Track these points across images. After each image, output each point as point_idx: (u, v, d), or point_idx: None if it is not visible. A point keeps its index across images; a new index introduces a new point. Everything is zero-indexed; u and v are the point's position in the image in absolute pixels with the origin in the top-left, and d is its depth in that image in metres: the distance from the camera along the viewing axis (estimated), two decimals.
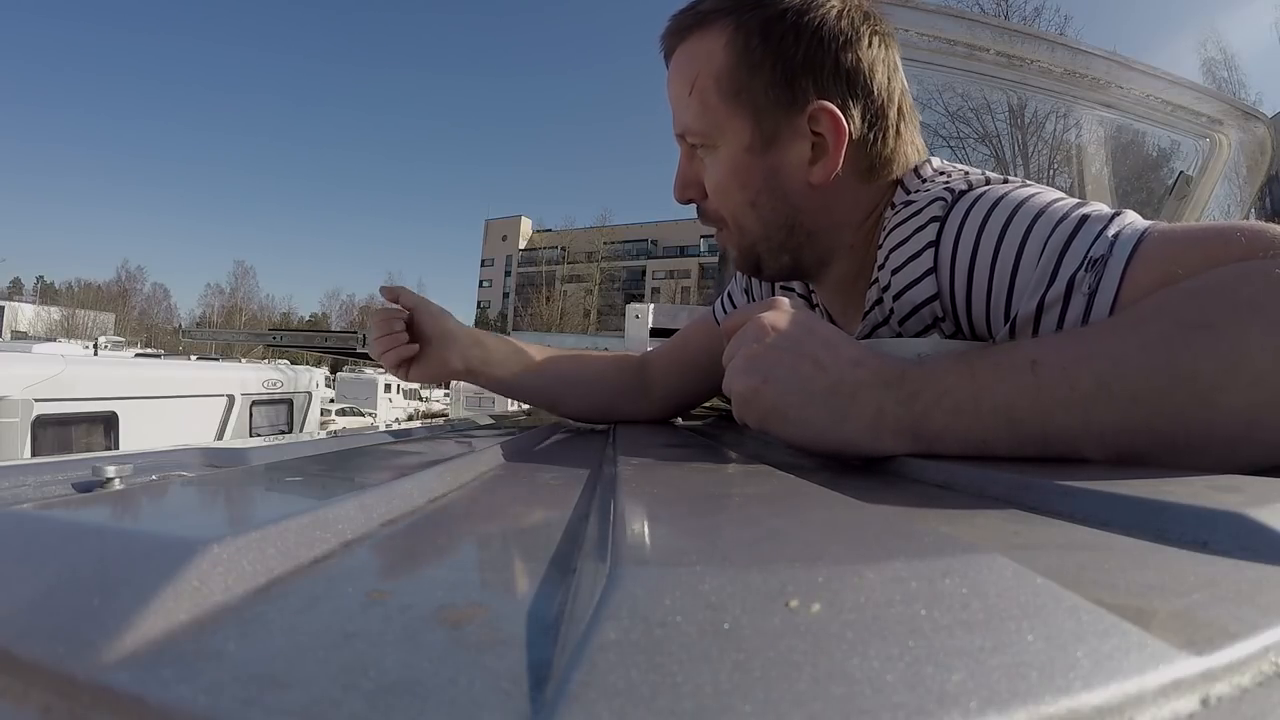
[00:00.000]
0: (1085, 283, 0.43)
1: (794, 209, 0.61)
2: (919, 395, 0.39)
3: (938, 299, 0.54)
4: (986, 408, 0.37)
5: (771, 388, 0.42)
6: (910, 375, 0.40)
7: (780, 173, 0.60)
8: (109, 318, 35.05)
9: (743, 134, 0.60)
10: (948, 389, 0.39)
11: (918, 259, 0.55)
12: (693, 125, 0.62)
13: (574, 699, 0.10)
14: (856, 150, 0.59)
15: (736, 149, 0.60)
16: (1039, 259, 0.46)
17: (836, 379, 0.41)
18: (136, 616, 0.14)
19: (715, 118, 0.60)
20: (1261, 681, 0.12)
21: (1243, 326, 0.33)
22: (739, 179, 0.61)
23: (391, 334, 0.76)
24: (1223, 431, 0.34)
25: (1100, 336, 0.38)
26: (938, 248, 0.53)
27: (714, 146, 0.62)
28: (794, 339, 0.42)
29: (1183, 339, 0.34)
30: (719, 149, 0.61)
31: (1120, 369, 0.35)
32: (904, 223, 0.57)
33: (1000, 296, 0.49)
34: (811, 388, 0.41)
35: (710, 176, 0.63)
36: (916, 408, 0.39)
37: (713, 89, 0.60)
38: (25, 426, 3.21)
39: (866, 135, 0.59)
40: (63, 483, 0.33)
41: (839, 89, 0.58)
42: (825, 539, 0.21)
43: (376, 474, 0.36)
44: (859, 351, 0.42)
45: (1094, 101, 1.42)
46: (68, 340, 7.60)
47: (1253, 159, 1.54)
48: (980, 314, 0.52)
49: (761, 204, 0.61)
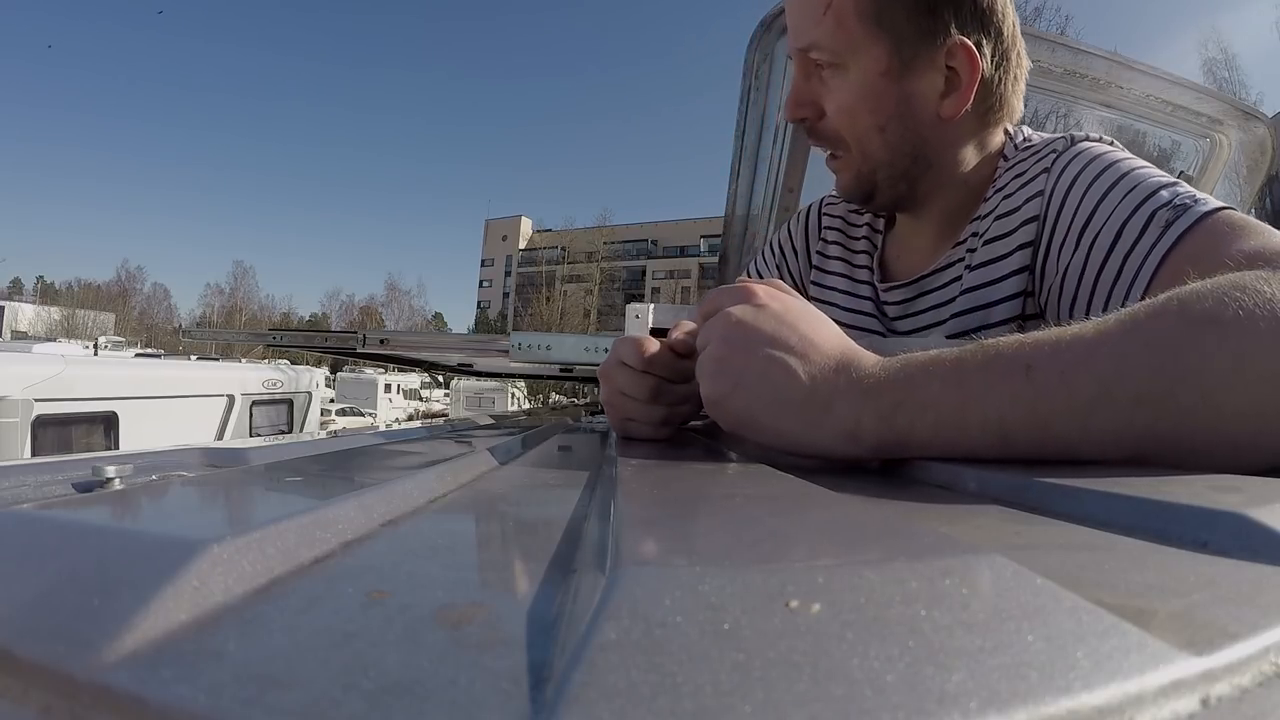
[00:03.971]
0: (1164, 218, 0.48)
1: (921, 139, 0.62)
2: (901, 407, 0.36)
3: (1036, 220, 0.59)
4: (975, 420, 0.34)
5: (742, 394, 0.39)
6: (892, 384, 0.36)
7: (912, 101, 0.61)
8: (109, 318, 35.04)
9: (879, 58, 0.59)
10: (932, 400, 0.35)
11: (1030, 183, 0.60)
12: (824, 42, 0.60)
13: (574, 699, 0.10)
14: (983, 89, 0.61)
15: (871, 72, 0.60)
16: (1129, 192, 0.51)
17: (811, 389, 0.37)
18: (136, 616, 0.14)
19: (851, 38, 0.59)
20: (1261, 681, 0.12)
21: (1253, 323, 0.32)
22: (870, 103, 0.61)
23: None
24: (1227, 435, 0.32)
25: (1101, 336, 0.35)
26: (1050, 174, 0.59)
27: (844, 67, 0.60)
28: (767, 338, 0.39)
29: (1190, 336, 0.33)
30: (850, 70, 0.60)
31: (1122, 370, 0.33)
32: (1024, 159, 0.62)
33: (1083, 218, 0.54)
34: (785, 396, 0.38)
35: (835, 97, 0.62)
36: (898, 422, 0.36)
37: (851, 9, 0.59)
38: (25, 426, 3.21)
39: (993, 76, 0.61)
40: (63, 483, 0.33)
41: (976, 25, 0.59)
42: (825, 539, 0.21)
43: (376, 474, 0.36)
44: (840, 350, 0.39)
45: (1094, 101, 1.42)
46: (68, 340, 7.60)
47: (1253, 159, 1.54)
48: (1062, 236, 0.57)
49: (890, 130, 0.61)
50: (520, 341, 1.09)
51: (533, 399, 16.04)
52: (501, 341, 1.20)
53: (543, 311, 42.93)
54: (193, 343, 8.08)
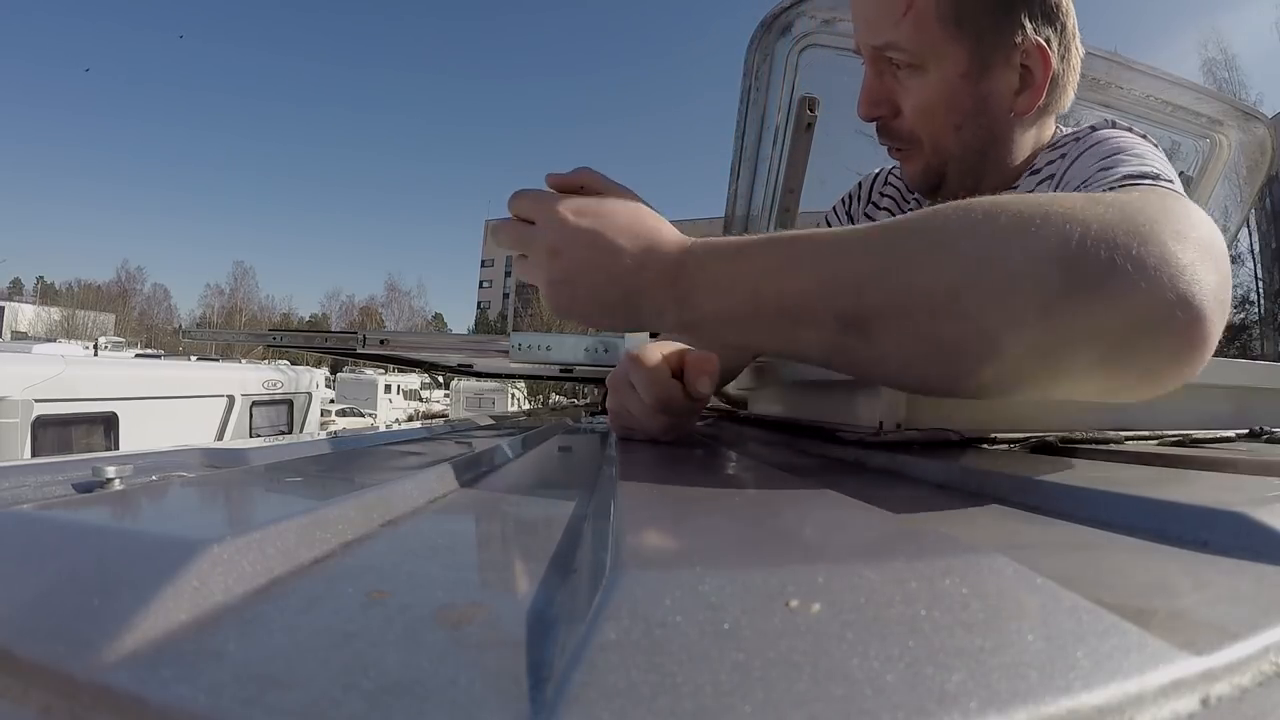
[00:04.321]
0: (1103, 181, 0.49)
1: (994, 137, 0.64)
2: (694, 289, 0.41)
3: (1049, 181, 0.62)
4: (746, 291, 0.39)
5: (569, 290, 0.44)
6: (688, 270, 0.41)
7: (989, 100, 0.62)
8: (109, 318, 35.04)
9: (960, 60, 0.60)
10: (715, 277, 0.40)
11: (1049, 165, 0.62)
12: (904, 44, 0.60)
13: (574, 699, 0.10)
14: (1051, 85, 0.62)
15: (951, 74, 0.60)
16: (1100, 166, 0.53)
17: (626, 287, 0.42)
18: (136, 616, 0.14)
19: (931, 40, 0.60)
20: (1261, 681, 0.12)
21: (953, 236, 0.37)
22: (949, 103, 0.62)
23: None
24: (923, 306, 0.36)
25: (860, 232, 0.40)
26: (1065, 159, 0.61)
27: (923, 68, 0.61)
28: (590, 237, 0.42)
29: (909, 244, 0.38)
30: (929, 71, 0.61)
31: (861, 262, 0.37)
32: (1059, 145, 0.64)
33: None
34: (605, 298, 0.43)
35: (913, 96, 0.63)
36: (693, 302, 0.41)
37: (933, 11, 0.59)
38: (25, 427, 3.21)
39: (1060, 70, 0.62)
40: (63, 483, 0.33)
41: (1046, 23, 0.60)
42: (825, 539, 0.21)
43: (376, 474, 0.36)
44: (650, 237, 0.42)
45: (1094, 101, 1.41)
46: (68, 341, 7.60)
47: (1253, 159, 1.54)
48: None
49: (966, 128, 0.63)
50: (520, 342, 1.09)
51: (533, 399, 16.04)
52: (501, 342, 1.19)
53: (543, 312, 42.85)
54: (193, 343, 8.08)
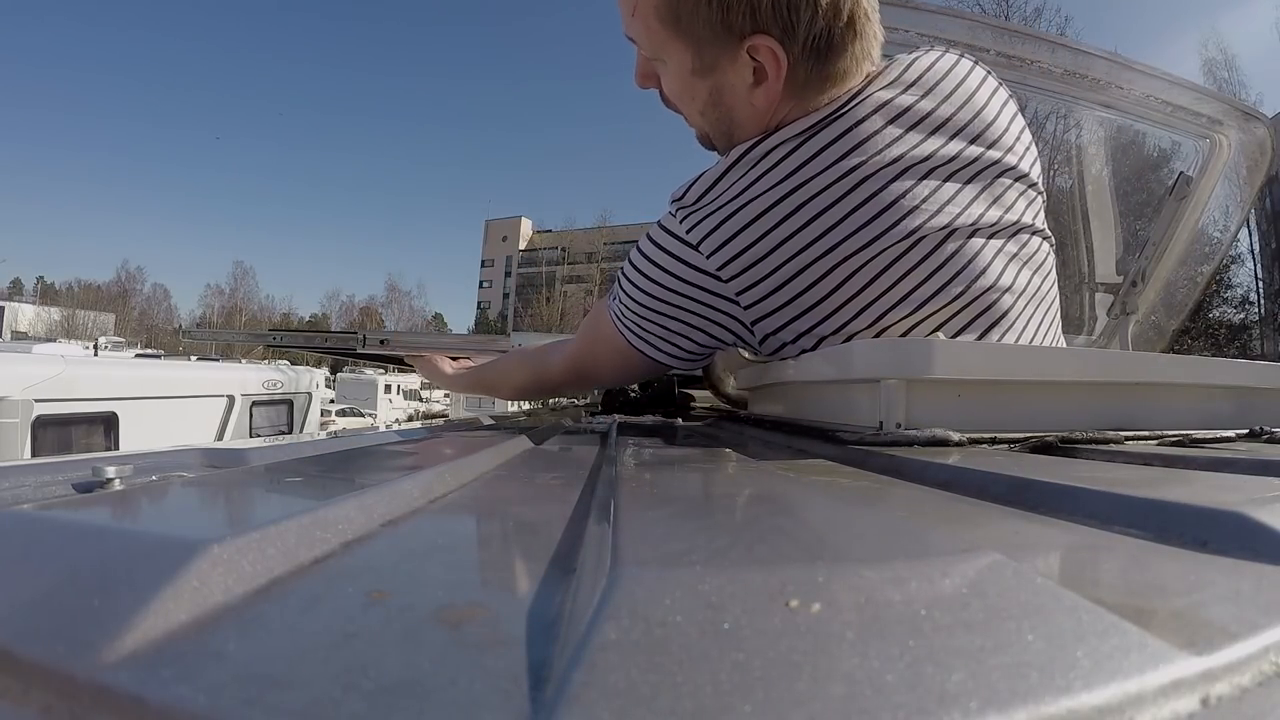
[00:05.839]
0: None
1: (737, 122, 0.66)
2: (456, 379, 1.17)
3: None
4: (469, 378, 1.13)
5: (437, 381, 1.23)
6: (450, 375, 1.18)
7: (723, 93, 0.64)
8: (109, 318, 35.03)
9: (685, 59, 0.63)
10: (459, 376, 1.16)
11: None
12: (639, 40, 0.66)
13: (574, 699, 0.10)
14: (800, 70, 0.61)
15: (681, 70, 0.64)
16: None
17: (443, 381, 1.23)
18: (136, 616, 0.14)
19: (658, 40, 0.64)
20: (1261, 681, 0.12)
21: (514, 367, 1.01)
22: (686, 94, 0.66)
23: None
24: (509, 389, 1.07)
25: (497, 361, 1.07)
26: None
27: (661, 60, 0.66)
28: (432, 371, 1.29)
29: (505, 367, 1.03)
30: (667, 64, 0.65)
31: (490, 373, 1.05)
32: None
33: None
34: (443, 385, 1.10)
35: (664, 82, 0.68)
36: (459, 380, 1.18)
37: (654, 14, 0.62)
38: (25, 427, 3.21)
39: (809, 57, 0.60)
40: (63, 483, 0.33)
41: (778, 18, 0.58)
42: (825, 539, 0.21)
43: (376, 474, 0.36)
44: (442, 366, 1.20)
45: (1094, 102, 1.42)
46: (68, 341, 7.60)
47: (1253, 159, 1.54)
48: None
49: (709, 114, 0.67)
50: (520, 342, 1.10)
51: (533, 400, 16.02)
52: (502, 342, 1.20)
53: (543, 312, 42.92)
54: (193, 343, 8.07)
